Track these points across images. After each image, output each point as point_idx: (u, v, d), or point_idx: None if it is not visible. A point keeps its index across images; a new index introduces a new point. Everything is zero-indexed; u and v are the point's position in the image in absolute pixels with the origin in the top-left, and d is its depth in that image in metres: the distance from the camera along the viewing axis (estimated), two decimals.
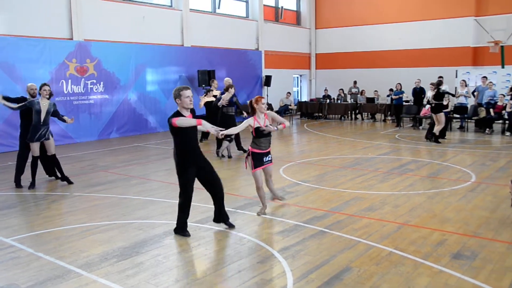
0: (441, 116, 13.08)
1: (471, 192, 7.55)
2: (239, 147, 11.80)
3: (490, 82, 16.02)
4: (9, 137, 12.77)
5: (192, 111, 5.61)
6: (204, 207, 6.71)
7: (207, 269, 4.65)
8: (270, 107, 21.55)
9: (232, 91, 11.11)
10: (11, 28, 13.09)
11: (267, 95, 21.45)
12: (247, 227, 5.97)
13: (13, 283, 4.36)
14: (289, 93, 21.04)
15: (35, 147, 8.28)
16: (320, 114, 21.36)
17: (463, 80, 16.37)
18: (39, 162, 8.52)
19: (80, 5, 14.53)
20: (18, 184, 8.47)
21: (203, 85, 17.26)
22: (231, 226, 5.88)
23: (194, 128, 5.41)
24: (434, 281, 4.29)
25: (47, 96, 8.23)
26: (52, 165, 8.91)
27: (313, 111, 21.54)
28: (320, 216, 6.35)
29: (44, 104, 8.17)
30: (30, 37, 13.33)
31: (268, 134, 6.19)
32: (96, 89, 14.92)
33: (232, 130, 6.15)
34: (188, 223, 5.72)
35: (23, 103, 8.14)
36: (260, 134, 6.13)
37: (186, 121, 5.28)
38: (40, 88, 8.17)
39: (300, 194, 7.59)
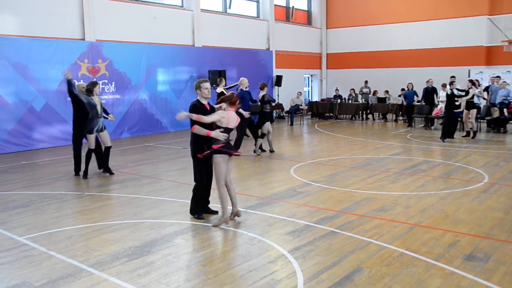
0: (474, 112, 13.87)
1: (484, 193, 7.47)
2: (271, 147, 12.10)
3: (504, 81, 15.84)
4: (22, 137, 12.92)
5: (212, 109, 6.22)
6: (214, 207, 6.71)
7: (217, 268, 4.66)
8: (280, 106, 21.54)
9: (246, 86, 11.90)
10: (24, 29, 13.24)
11: (278, 95, 21.44)
12: (258, 227, 5.96)
13: (26, 281, 4.41)
14: (299, 92, 21.00)
15: (92, 140, 8.99)
16: (331, 114, 21.29)
17: (476, 80, 16.20)
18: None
19: (92, 6, 14.65)
20: (78, 173, 9.28)
21: (214, 85, 17.28)
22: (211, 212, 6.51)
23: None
24: (446, 282, 4.25)
25: (97, 93, 9.03)
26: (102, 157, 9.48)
27: (324, 111, 21.48)
28: (331, 216, 6.32)
29: (96, 99, 8.94)
30: (42, 38, 13.47)
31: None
32: (107, 89, 15.03)
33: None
34: (199, 223, 5.74)
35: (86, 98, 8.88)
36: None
37: (200, 131, 5.86)
38: (94, 86, 8.91)
39: (311, 194, 7.56)
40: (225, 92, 13.27)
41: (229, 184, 6.10)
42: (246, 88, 12.13)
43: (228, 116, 5.91)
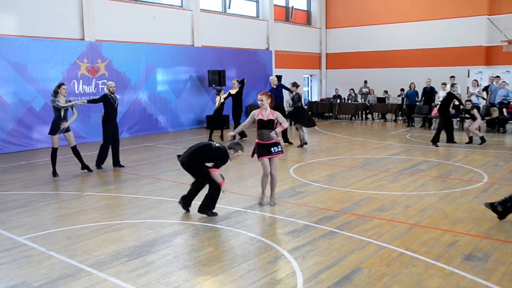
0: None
1: (483, 193, 7.47)
2: (285, 138, 13.12)
3: (504, 81, 15.84)
4: (21, 137, 12.91)
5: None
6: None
7: (217, 268, 4.66)
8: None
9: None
10: (23, 29, 13.23)
11: None
12: (257, 227, 5.97)
13: (25, 281, 4.40)
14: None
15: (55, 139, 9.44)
16: (331, 114, 21.30)
17: (475, 80, 16.22)
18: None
19: (92, 6, 14.64)
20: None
21: (213, 85, 17.31)
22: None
23: None
24: (446, 282, 4.25)
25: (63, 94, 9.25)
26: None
27: (323, 111, 21.48)
28: (331, 216, 6.32)
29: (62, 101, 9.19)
30: (42, 38, 13.47)
31: (269, 127, 6.72)
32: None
33: (238, 129, 7.11)
34: (198, 223, 5.76)
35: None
36: (261, 126, 6.73)
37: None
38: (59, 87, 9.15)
39: (310, 194, 7.56)
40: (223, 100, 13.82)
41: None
42: (275, 86, 13.39)
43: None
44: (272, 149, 6.72)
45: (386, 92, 20.20)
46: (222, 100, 13.77)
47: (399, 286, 4.19)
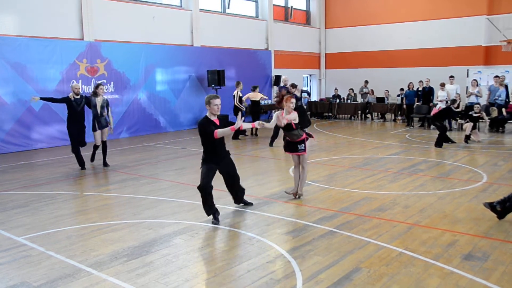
0: None
1: (482, 193, 7.48)
2: (271, 142, 13.00)
3: (497, 81, 15.84)
4: (21, 137, 12.90)
5: (225, 117, 6.39)
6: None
7: (216, 268, 4.66)
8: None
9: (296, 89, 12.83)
10: (22, 29, 13.22)
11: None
12: (257, 227, 5.96)
13: (25, 281, 4.40)
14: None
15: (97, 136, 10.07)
16: (330, 114, 21.31)
17: (474, 80, 16.23)
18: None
19: (91, 6, 14.63)
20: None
21: (213, 85, 17.33)
22: (247, 203, 6.88)
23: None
24: (445, 282, 4.26)
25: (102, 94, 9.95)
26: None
27: (323, 111, 21.49)
28: (330, 216, 6.33)
29: (99, 100, 9.89)
30: (41, 38, 13.45)
31: (290, 129, 6.92)
32: (106, 89, 14.98)
33: (271, 124, 7.00)
34: (197, 223, 5.75)
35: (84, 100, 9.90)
36: (285, 128, 6.93)
37: (224, 131, 5.97)
38: (97, 87, 9.88)
39: (310, 194, 7.56)
40: (240, 95, 14.72)
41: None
42: (285, 85, 13.62)
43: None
44: (294, 146, 7.08)
45: (387, 91, 20.19)
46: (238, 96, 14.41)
47: (399, 286, 4.20)
